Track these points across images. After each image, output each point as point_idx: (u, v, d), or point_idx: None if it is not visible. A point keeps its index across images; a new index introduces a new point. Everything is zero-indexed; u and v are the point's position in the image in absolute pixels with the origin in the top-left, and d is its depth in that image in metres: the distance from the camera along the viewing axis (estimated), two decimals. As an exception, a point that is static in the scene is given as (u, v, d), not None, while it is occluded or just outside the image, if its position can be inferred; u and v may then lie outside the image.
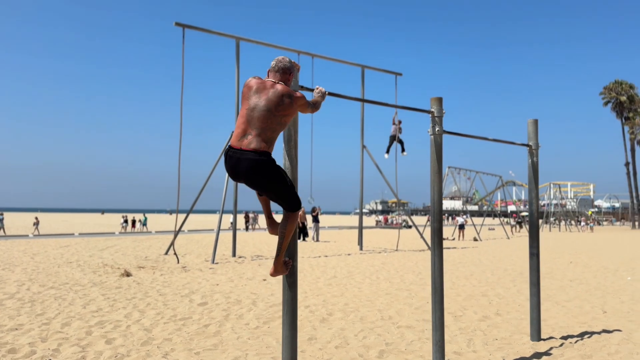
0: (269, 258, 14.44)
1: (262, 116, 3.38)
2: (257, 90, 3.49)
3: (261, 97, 3.44)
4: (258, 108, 3.41)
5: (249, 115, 3.44)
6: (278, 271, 3.63)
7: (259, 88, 3.49)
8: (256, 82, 3.55)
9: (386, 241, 23.30)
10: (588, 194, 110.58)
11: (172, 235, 24.94)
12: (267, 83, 3.53)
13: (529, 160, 5.78)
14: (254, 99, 3.46)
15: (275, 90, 3.45)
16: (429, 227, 35.73)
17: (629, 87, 51.71)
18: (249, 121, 3.43)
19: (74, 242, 19.44)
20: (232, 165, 3.45)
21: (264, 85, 3.50)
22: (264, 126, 3.38)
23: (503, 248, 20.28)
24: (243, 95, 3.56)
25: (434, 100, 4.72)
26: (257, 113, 3.41)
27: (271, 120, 3.39)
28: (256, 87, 3.50)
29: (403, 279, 10.31)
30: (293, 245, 3.70)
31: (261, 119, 3.39)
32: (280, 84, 3.52)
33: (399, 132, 18.47)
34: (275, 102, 3.39)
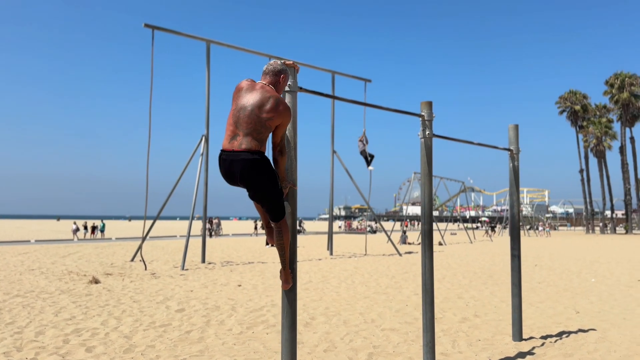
0: (239, 264, 14.27)
1: (248, 117, 3.34)
2: (245, 92, 3.46)
3: (248, 98, 3.41)
4: (244, 109, 3.37)
5: (235, 116, 3.40)
6: (290, 282, 3.56)
7: (248, 89, 3.47)
8: (246, 83, 3.52)
9: (354, 246, 23.41)
10: (543, 199, 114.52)
11: (134, 242, 24.35)
12: (257, 85, 3.49)
13: (510, 164, 5.92)
14: (241, 100, 3.43)
15: (262, 92, 3.41)
16: (395, 232, 35.77)
17: (583, 97, 53.83)
18: (237, 122, 3.38)
19: (32, 249, 18.69)
20: (226, 168, 3.40)
21: (253, 87, 3.48)
22: (251, 127, 3.33)
23: (468, 252, 20.70)
24: (233, 97, 3.52)
25: (424, 104, 4.78)
26: (243, 114, 3.37)
27: (257, 121, 3.33)
28: (245, 89, 3.48)
29: (378, 282, 10.37)
30: (293, 247, 3.65)
31: (247, 120, 3.34)
32: (269, 86, 3.49)
33: (365, 144, 18.60)
34: (259, 104, 3.34)
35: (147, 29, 13.53)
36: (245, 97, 3.43)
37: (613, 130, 51.59)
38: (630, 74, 49.31)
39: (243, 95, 3.44)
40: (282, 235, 3.51)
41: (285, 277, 3.54)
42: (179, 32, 14.37)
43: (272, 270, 12.51)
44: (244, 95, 3.45)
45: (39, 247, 20.46)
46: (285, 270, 3.54)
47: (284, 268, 3.54)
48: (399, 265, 14.38)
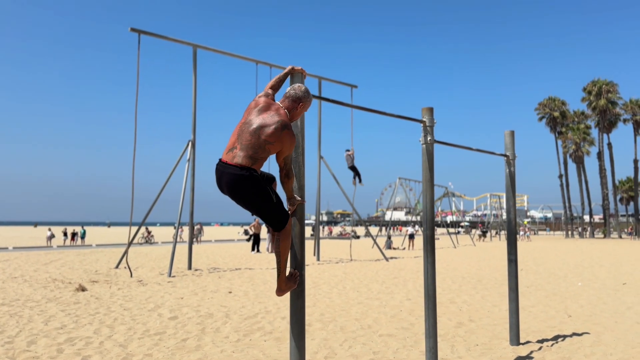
0: (226, 270, 14.14)
1: (250, 134, 3.28)
2: (258, 109, 3.38)
3: (258, 116, 3.34)
4: (250, 125, 3.32)
5: (240, 129, 3.36)
6: (283, 289, 3.51)
7: (262, 107, 3.39)
8: (263, 100, 3.44)
9: (340, 251, 23.39)
10: (522, 204, 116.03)
11: (116, 249, 23.97)
12: (272, 105, 3.42)
13: (506, 170, 5.98)
14: (251, 116, 3.36)
15: (273, 114, 3.34)
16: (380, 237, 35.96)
17: (562, 103, 54.87)
18: (239, 136, 3.34)
19: (12, 257, 18.27)
20: (217, 177, 3.38)
21: (268, 106, 3.40)
22: (249, 144, 3.26)
23: (453, 257, 20.85)
24: (247, 108, 3.45)
25: (425, 110, 4.80)
26: (247, 129, 3.32)
27: (257, 141, 3.26)
28: (261, 106, 3.39)
29: (369, 288, 10.37)
30: (301, 255, 3.61)
31: (248, 137, 3.29)
32: (284, 110, 3.41)
33: (352, 160, 18.72)
34: (265, 125, 3.27)
35: (133, 33, 13.37)
36: (255, 113, 3.36)
37: (591, 136, 52.66)
38: (607, 81, 50.43)
39: (254, 111, 3.37)
40: (280, 244, 3.46)
41: (279, 284, 3.51)
42: (165, 37, 14.25)
43: (260, 277, 12.42)
44: (255, 111, 3.37)
45: (18, 254, 20.00)
46: (280, 278, 3.50)
47: (278, 275, 3.51)
48: (387, 270, 14.41)
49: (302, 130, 3.67)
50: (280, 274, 3.48)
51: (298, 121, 3.65)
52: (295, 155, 3.66)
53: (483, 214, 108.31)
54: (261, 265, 15.63)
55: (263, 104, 3.42)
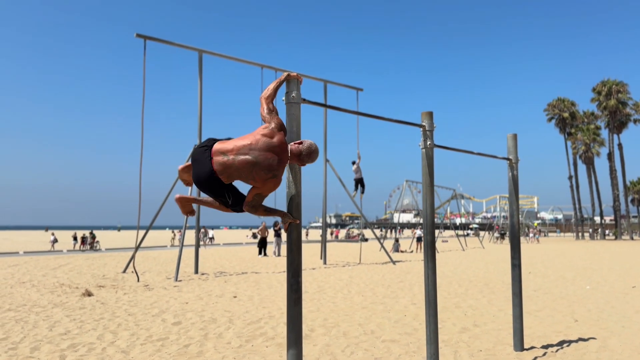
0: (232, 274, 14.16)
1: (247, 163, 3.33)
2: (270, 147, 3.36)
3: (266, 152, 3.34)
4: (253, 155, 3.33)
5: (247, 144, 3.37)
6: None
7: (273, 147, 3.37)
8: (278, 140, 3.41)
9: (347, 255, 23.35)
10: (532, 206, 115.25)
11: (124, 253, 24.09)
12: (284, 145, 3.42)
13: (509, 174, 5.93)
14: (261, 141, 3.36)
15: (276, 160, 3.35)
16: (388, 240, 35.87)
17: (571, 104, 54.47)
18: (239, 152, 3.36)
19: (22, 261, 18.42)
20: (194, 159, 3.47)
21: (280, 145, 3.39)
22: (239, 168, 3.33)
23: (461, 260, 20.72)
24: (265, 134, 3.40)
25: (424, 114, 4.78)
26: (247, 157, 3.33)
27: (247, 173, 3.34)
28: (273, 144, 3.38)
29: (374, 292, 10.32)
30: (298, 261, 3.59)
31: (244, 163, 3.33)
32: (290, 155, 3.44)
33: (360, 172, 18.95)
34: (264, 166, 3.32)
35: (139, 39, 13.46)
36: (264, 146, 3.35)
37: (601, 137, 52.21)
38: (617, 81, 50.02)
39: (264, 144, 3.36)
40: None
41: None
42: (170, 42, 14.32)
43: (266, 281, 12.42)
44: (266, 144, 3.36)
45: (28, 258, 20.17)
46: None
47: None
48: (394, 274, 14.35)
49: (298, 135, 3.65)
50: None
51: (294, 126, 3.63)
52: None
53: (492, 216, 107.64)
54: (267, 270, 15.62)
55: (277, 143, 3.38)
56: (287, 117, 3.62)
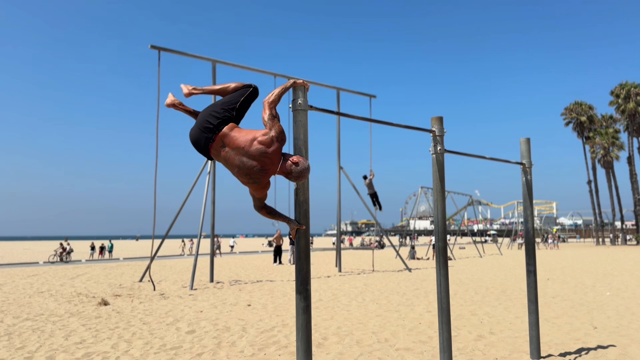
0: (247, 282, 14.17)
1: (244, 167, 3.37)
2: (266, 155, 3.38)
3: (255, 156, 3.37)
4: (243, 153, 3.38)
5: (240, 147, 3.40)
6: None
7: (269, 156, 3.39)
8: (275, 149, 3.42)
9: (362, 262, 23.23)
10: (551, 211, 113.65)
11: (142, 262, 24.30)
12: (274, 163, 3.41)
13: (522, 179, 5.85)
14: (254, 148, 3.37)
15: (262, 173, 3.40)
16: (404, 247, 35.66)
17: (589, 107, 53.75)
18: (235, 147, 3.41)
19: (41, 271, 18.67)
20: (201, 127, 3.53)
21: (274, 159, 3.40)
22: (227, 160, 3.45)
23: (478, 267, 20.48)
24: (266, 138, 3.40)
25: (434, 119, 4.74)
26: (240, 153, 3.39)
27: (241, 168, 3.39)
28: (270, 152, 3.39)
29: (389, 300, 10.24)
30: (306, 269, 3.56)
31: (239, 159, 3.39)
32: (281, 171, 3.43)
33: (373, 186, 19.11)
34: (255, 170, 3.38)
35: (153, 50, 13.64)
36: (260, 149, 3.37)
37: (620, 140, 51.35)
38: (635, 84, 49.22)
39: (263, 148, 3.37)
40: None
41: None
42: (184, 53, 14.48)
43: (280, 289, 12.40)
44: (264, 148, 3.37)
45: (47, 268, 20.44)
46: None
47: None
48: (409, 281, 14.22)
49: (305, 142, 3.64)
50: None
51: (301, 133, 3.61)
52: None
53: (511, 222, 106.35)
54: (282, 278, 15.61)
55: (270, 154, 3.38)
56: (293, 124, 3.60)
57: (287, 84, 3.65)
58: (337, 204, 18.67)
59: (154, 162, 12.81)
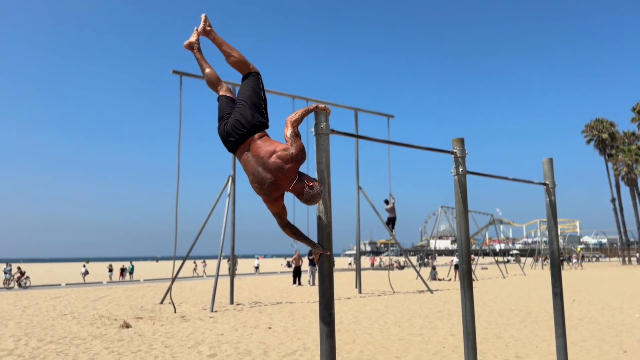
0: (267, 304, 14.12)
1: (262, 174, 3.41)
2: (283, 170, 3.39)
3: (271, 170, 3.39)
4: (261, 163, 3.41)
5: (260, 157, 3.44)
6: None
7: (285, 173, 3.41)
8: (291, 168, 3.43)
9: (382, 283, 22.99)
10: (574, 230, 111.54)
11: (162, 283, 24.42)
12: (288, 181, 3.42)
13: (546, 199, 5.77)
14: (271, 162, 3.40)
15: (274, 188, 3.42)
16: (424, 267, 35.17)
17: (610, 124, 53.08)
18: (256, 155, 3.45)
19: (64, 293, 18.87)
20: (231, 128, 3.54)
21: (290, 177, 3.42)
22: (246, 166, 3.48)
23: (502, 287, 20.12)
24: (286, 155, 3.41)
25: (455, 141, 4.72)
26: (258, 162, 3.43)
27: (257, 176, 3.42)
28: (285, 170, 3.40)
29: (412, 322, 10.10)
30: (330, 292, 3.54)
31: (261, 169, 3.42)
32: (293, 187, 3.43)
33: (394, 211, 19.22)
34: (267, 183, 3.39)
35: (175, 75, 13.91)
36: (277, 163, 3.38)
37: (644, 157, 50.45)
38: (657, 100, 48.50)
39: (280, 163, 3.38)
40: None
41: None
42: (205, 77, 14.70)
43: (301, 311, 12.33)
44: (281, 163, 3.38)
45: (69, 290, 20.65)
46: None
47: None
48: (431, 303, 14.03)
49: (327, 166, 3.65)
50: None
51: (323, 157, 3.63)
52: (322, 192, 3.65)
53: (533, 241, 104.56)
54: (302, 299, 15.52)
55: (286, 171, 3.39)
56: (316, 148, 3.63)
57: (310, 107, 3.69)
58: (356, 224, 18.61)
59: (175, 184, 12.96)
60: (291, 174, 3.47)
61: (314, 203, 3.54)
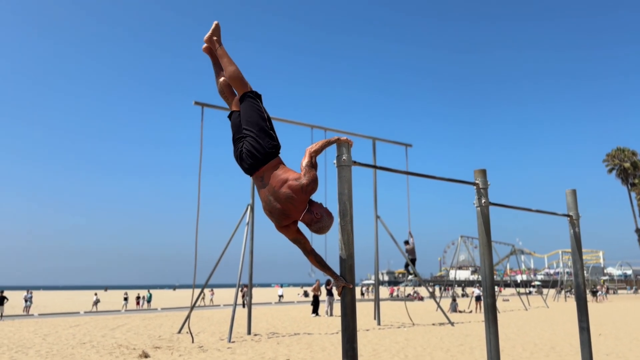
0: (285, 335, 13.98)
1: (274, 202, 3.48)
2: (295, 201, 3.48)
3: (281, 200, 3.47)
4: (272, 191, 3.50)
5: (272, 186, 3.51)
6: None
7: (296, 205, 3.50)
8: (301, 199, 3.51)
9: (401, 314, 22.61)
10: (598, 261, 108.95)
11: (179, 312, 24.36)
12: (298, 211, 3.51)
13: (570, 231, 5.68)
14: (282, 192, 3.48)
15: (284, 215, 3.51)
16: (444, 298, 34.57)
17: (632, 153, 52.35)
18: (269, 183, 3.51)
19: (83, 321, 18.93)
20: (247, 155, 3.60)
21: (301, 207, 3.51)
22: (260, 193, 3.58)
23: (525, 320, 19.64)
24: (298, 187, 3.50)
25: (477, 172, 4.71)
26: (270, 191, 3.51)
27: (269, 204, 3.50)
28: (296, 200, 3.49)
29: (433, 356, 9.89)
30: (352, 326, 3.51)
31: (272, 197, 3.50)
32: (303, 218, 3.53)
33: (413, 252, 19.25)
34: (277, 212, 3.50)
35: (196, 106, 14.18)
36: (287, 193, 3.46)
37: (668, 187, 49.51)
38: (681, 128, 47.85)
39: (290, 194, 3.45)
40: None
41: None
42: (227, 108, 14.96)
43: (319, 343, 12.17)
44: (290, 194, 3.45)
45: (88, 318, 20.72)
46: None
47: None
48: (453, 336, 13.74)
49: (349, 198, 3.67)
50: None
51: (345, 188, 3.65)
52: (344, 223, 3.65)
53: (556, 272, 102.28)
54: (320, 330, 15.34)
55: (296, 202, 3.47)
56: (338, 179, 3.65)
57: (332, 139, 3.73)
58: (375, 254, 18.44)
59: (194, 213, 13.06)
60: (300, 204, 3.50)
61: (323, 233, 3.60)
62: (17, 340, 12.70)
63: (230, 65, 3.80)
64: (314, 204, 3.65)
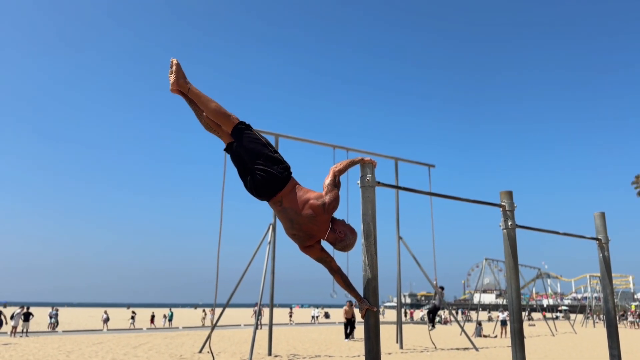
0: (305, 357, 13.82)
1: (297, 221, 3.51)
2: (318, 221, 3.52)
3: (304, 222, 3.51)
4: (294, 213, 3.51)
5: (293, 209, 3.51)
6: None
7: (319, 224, 3.53)
8: (323, 219, 3.57)
9: (424, 338, 22.19)
10: (628, 286, 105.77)
11: (200, 332, 24.35)
12: (324, 227, 3.56)
13: (599, 255, 5.54)
14: (305, 214, 3.51)
15: (308, 236, 3.56)
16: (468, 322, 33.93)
17: (662, 175, 51.05)
18: (290, 206, 3.51)
19: (105, 339, 19.07)
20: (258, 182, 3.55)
21: (324, 228, 3.56)
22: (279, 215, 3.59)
23: (552, 346, 19.08)
24: (319, 207, 3.53)
25: (503, 193, 4.64)
26: (291, 214, 3.52)
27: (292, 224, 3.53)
28: (320, 220, 3.53)
29: (457, 381, 9.64)
30: (376, 350, 3.45)
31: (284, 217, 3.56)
32: (327, 236, 3.57)
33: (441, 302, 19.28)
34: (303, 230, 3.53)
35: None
36: (309, 215, 3.48)
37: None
38: None
39: (311, 214, 3.49)
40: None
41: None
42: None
43: (341, 365, 11.98)
44: (311, 214, 3.49)
45: (111, 336, 20.86)
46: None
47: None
48: (477, 361, 13.40)
49: (373, 218, 3.64)
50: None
51: (369, 209, 3.63)
52: (368, 244, 3.62)
53: (583, 296, 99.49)
54: (341, 353, 15.13)
55: (319, 222, 3.51)
56: (362, 200, 3.64)
57: (356, 159, 3.73)
58: (397, 276, 18.21)
59: (217, 233, 13.12)
60: (323, 224, 3.51)
61: (347, 251, 3.62)
62: (42, 356, 12.83)
63: (209, 102, 3.61)
64: (336, 221, 3.65)
